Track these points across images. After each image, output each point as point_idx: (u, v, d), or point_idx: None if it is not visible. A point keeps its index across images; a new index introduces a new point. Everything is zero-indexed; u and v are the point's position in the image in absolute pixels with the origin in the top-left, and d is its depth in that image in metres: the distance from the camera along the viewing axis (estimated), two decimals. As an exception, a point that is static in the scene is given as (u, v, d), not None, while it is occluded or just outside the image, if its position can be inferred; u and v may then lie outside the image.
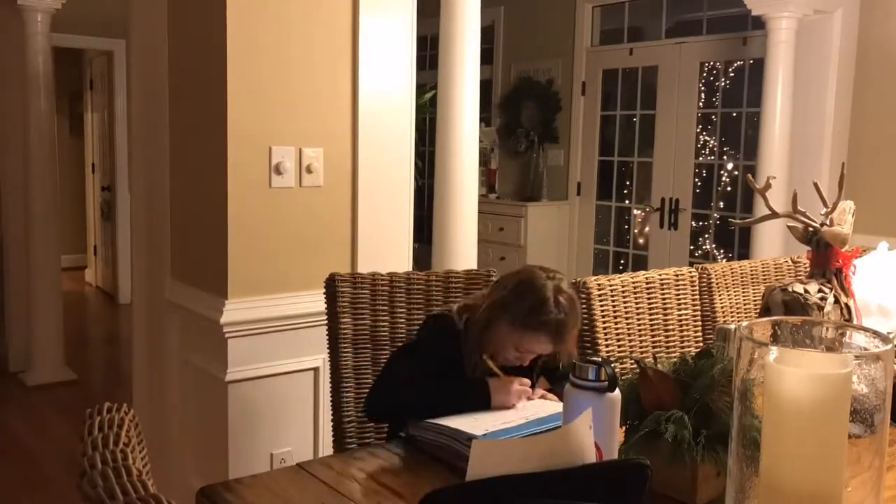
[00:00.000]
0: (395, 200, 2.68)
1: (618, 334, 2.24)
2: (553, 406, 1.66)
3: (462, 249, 3.00)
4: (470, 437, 1.47)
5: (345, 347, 2.03)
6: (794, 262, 2.83)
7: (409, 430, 1.60)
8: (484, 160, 6.23)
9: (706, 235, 5.61)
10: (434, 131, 3.10)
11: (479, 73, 3.02)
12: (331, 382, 2.04)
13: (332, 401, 2.02)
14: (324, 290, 2.09)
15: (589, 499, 1.04)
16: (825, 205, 1.98)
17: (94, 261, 7.80)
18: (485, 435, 1.49)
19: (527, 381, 1.73)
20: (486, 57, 6.41)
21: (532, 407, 1.66)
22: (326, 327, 2.06)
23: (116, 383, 4.85)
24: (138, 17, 2.85)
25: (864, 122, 4.21)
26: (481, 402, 1.66)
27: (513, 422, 1.57)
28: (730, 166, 5.44)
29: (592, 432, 1.12)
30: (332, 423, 2.02)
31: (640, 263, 5.88)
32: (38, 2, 4.61)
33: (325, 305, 2.05)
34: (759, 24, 4.34)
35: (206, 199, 2.46)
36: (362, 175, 2.58)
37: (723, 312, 2.51)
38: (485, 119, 6.41)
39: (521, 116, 6.53)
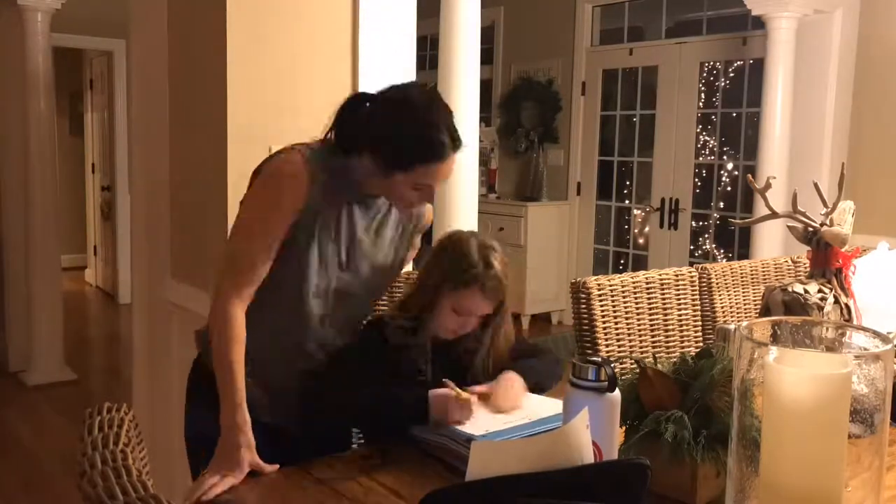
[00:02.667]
0: (395, 200, 2.67)
1: (618, 334, 2.24)
2: (554, 406, 1.66)
3: (462, 249, 3.00)
4: (469, 438, 1.47)
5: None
6: (793, 262, 2.83)
7: (409, 430, 1.60)
8: (484, 160, 6.24)
9: (706, 235, 5.61)
10: (434, 131, 3.09)
11: (478, 73, 3.02)
12: None
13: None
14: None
15: (589, 499, 1.04)
16: (825, 205, 1.98)
17: (94, 261, 7.80)
18: (484, 435, 1.49)
19: (471, 397, 1.61)
20: (486, 57, 6.41)
21: (533, 407, 1.66)
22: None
23: (116, 383, 4.85)
24: (138, 17, 2.85)
25: (864, 122, 4.21)
26: (419, 416, 1.58)
27: (514, 422, 1.57)
28: (730, 166, 5.44)
29: (590, 432, 1.12)
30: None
31: (640, 263, 5.88)
32: (39, 2, 4.61)
33: None
34: (759, 23, 4.34)
35: (207, 199, 2.46)
36: (362, 175, 2.58)
37: (723, 312, 2.51)
38: (485, 119, 6.41)
39: (521, 116, 6.53)
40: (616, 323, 2.24)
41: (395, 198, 1.71)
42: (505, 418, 1.59)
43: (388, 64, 2.62)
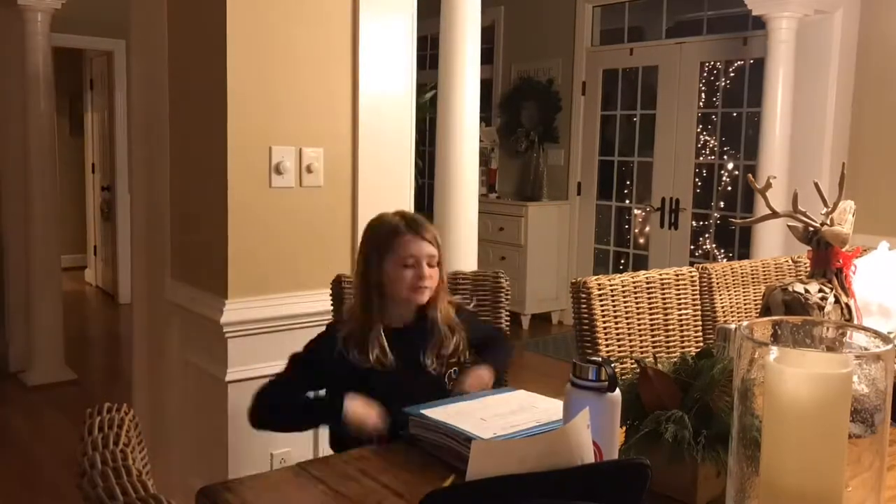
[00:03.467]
0: (396, 200, 2.67)
1: (618, 334, 2.23)
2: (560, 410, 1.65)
3: (462, 249, 3.00)
4: (468, 438, 1.47)
5: None
6: (794, 261, 2.83)
7: (409, 429, 1.60)
8: (484, 160, 6.23)
9: (706, 235, 5.61)
10: (434, 131, 3.10)
11: (479, 72, 3.02)
12: None
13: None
14: (329, 292, 2.08)
15: (589, 499, 1.04)
16: (825, 204, 1.97)
17: (94, 261, 7.80)
18: (490, 439, 1.48)
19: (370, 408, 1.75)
20: (487, 57, 6.41)
21: (541, 410, 1.65)
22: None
23: (116, 383, 4.85)
24: (138, 17, 2.85)
25: (865, 122, 4.21)
26: (334, 419, 1.73)
27: (521, 425, 1.56)
28: (730, 166, 5.44)
29: (590, 431, 1.12)
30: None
31: (641, 263, 5.88)
32: (38, 2, 4.61)
33: (331, 306, 2.04)
34: (760, 23, 4.34)
35: (207, 199, 2.46)
36: (363, 175, 2.58)
37: (723, 312, 2.50)
38: (485, 119, 6.41)
39: (522, 116, 6.53)
40: (616, 323, 2.24)
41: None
42: (513, 421, 1.58)
43: (388, 64, 2.62)
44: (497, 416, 1.62)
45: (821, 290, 1.92)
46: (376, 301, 1.84)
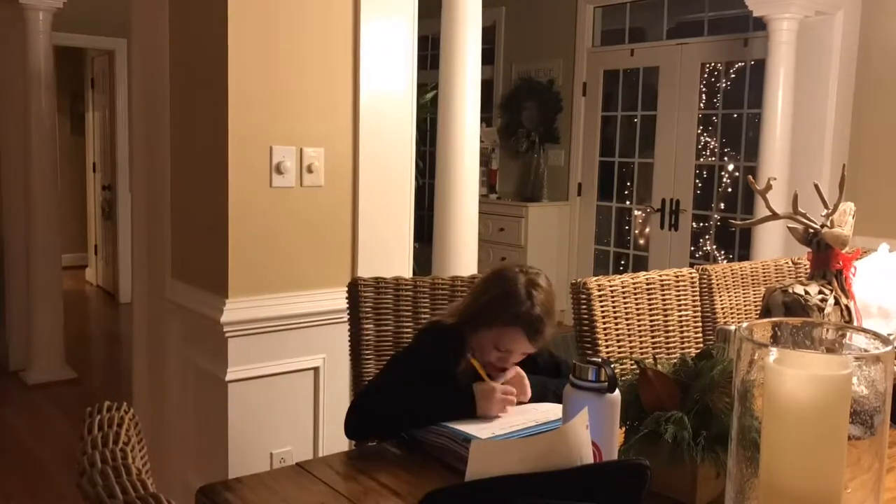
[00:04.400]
0: (396, 200, 2.68)
1: (618, 335, 2.23)
2: (559, 411, 1.65)
3: (463, 250, 3.00)
4: (466, 439, 1.47)
5: (367, 353, 2.00)
6: (794, 263, 2.83)
7: (410, 430, 1.60)
8: (485, 160, 6.23)
9: (707, 236, 5.61)
10: (435, 131, 3.10)
11: (479, 73, 3.02)
12: (352, 388, 2.05)
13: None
14: (329, 292, 2.07)
15: (589, 499, 1.04)
16: (826, 206, 1.98)
17: (94, 260, 7.80)
18: (489, 439, 1.48)
19: (511, 388, 1.67)
20: (487, 57, 6.42)
21: (539, 412, 1.65)
22: (348, 332, 2.04)
23: (116, 382, 4.85)
24: (140, 16, 2.85)
25: (865, 124, 4.21)
26: (465, 411, 1.62)
27: (519, 425, 1.57)
28: (730, 167, 5.44)
29: (590, 432, 1.12)
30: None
31: (641, 264, 5.88)
32: (40, 1, 4.61)
33: (348, 310, 2.03)
34: (761, 25, 4.34)
35: (207, 199, 2.46)
36: (363, 175, 2.58)
37: (723, 313, 2.50)
38: (486, 119, 6.41)
39: (522, 117, 6.53)
40: (616, 324, 2.24)
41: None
42: (511, 422, 1.59)
43: (389, 64, 2.62)
44: (492, 418, 1.62)
45: (821, 292, 1.92)
46: (464, 337, 1.75)
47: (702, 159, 5.55)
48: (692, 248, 5.62)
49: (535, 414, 1.63)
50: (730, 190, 5.44)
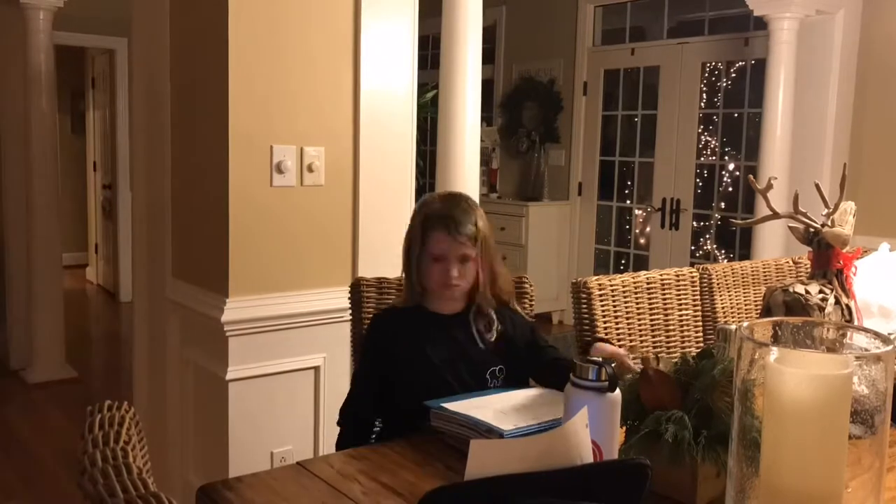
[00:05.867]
0: (397, 200, 2.67)
1: (618, 334, 2.24)
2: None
3: (463, 249, 3.00)
4: (489, 429, 1.48)
5: None
6: (794, 262, 2.83)
7: (431, 421, 1.61)
8: (485, 160, 6.23)
9: (707, 236, 5.61)
10: (435, 131, 3.10)
11: (480, 72, 3.02)
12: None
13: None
14: (329, 291, 2.07)
15: (589, 499, 1.04)
16: (826, 205, 1.98)
17: (95, 259, 7.81)
18: (512, 431, 1.48)
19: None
20: (488, 57, 6.41)
21: (559, 404, 1.64)
22: (350, 332, 2.05)
23: (117, 381, 4.86)
24: (141, 15, 2.85)
25: (866, 123, 4.21)
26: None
27: (542, 417, 1.56)
28: (731, 167, 5.43)
29: (590, 431, 1.12)
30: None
31: (641, 263, 5.88)
32: (41, 0, 4.61)
33: (350, 310, 2.04)
34: (761, 24, 4.34)
35: (208, 198, 2.46)
36: (363, 174, 2.58)
37: (724, 313, 2.50)
38: (486, 119, 6.41)
39: (523, 116, 6.53)
40: (617, 323, 2.24)
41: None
42: (534, 413, 1.58)
43: (389, 64, 2.62)
44: (516, 409, 1.62)
45: (821, 291, 1.92)
46: (418, 290, 1.82)
47: (702, 159, 5.55)
48: (693, 248, 5.62)
49: (554, 407, 1.61)
50: (730, 189, 5.44)
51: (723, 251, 5.53)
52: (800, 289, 1.91)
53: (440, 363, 1.78)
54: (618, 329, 2.24)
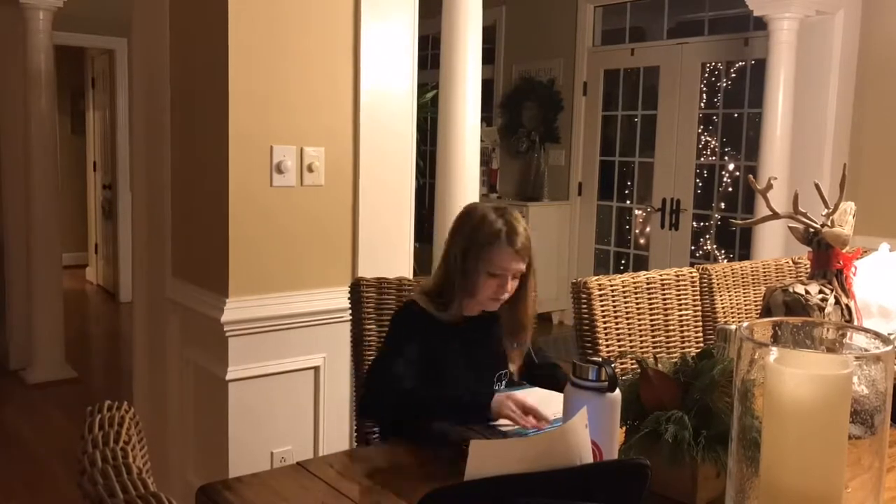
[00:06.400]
0: (397, 200, 2.68)
1: (618, 334, 2.24)
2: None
3: (463, 249, 3.00)
4: (490, 430, 1.49)
5: (368, 354, 2.01)
6: (794, 262, 2.83)
7: (434, 424, 1.62)
8: (485, 160, 6.23)
9: (707, 236, 5.61)
10: (435, 131, 3.10)
11: (480, 72, 3.02)
12: (352, 388, 2.06)
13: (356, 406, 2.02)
14: (330, 291, 2.07)
15: (589, 499, 1.04)
16: (826, 206, 1.98)
17: (94, 259, 7.80)
18: (511, 430, 1.50)
19: (528, 405, 1.64)
20: (488, 57, 6.41)
21: (559, 404, 1.65)
22: (350, 332, 2.05)
23: (117, 381, 4.85)
24: (140, 15, 2.85)
25: (866, 123, 4.21)
26: (479, 415, 1.64)
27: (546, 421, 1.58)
28: (731, 167, 5.43)
29: (590, 432, 1.12)
30: (354, 427, 2.00)
31: (641, 263, 5.88)
32: (40, 0, 4.61)
33: (350, 310, 2.04)
34: (761, 24, 4.34)
35: (208, 198, 2.46)
36: (363, 174, 2.58)
37: (723, 313, 2.50)
38: (486, 119, 6.41)
39: (523, 116, 6.53)
40: (617, 323, 2.24)
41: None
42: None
43: (389, 64, 2.62)
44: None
45: (821, 292, 1.92)
46: (454, 291, 1.81)
47: (702, 159, 5.55)
48: (692, 248, 5.62)
49: (554, 408, 1.62)
50: (730, 189, 5.44)
51: (723, 251, 5.53)
52: (800, 289, 1.91)
53: (455, 366, 1.80)
54: (618, 329, 2.24)
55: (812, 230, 1.97)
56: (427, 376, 1.77)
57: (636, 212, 6.05)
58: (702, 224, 5.61)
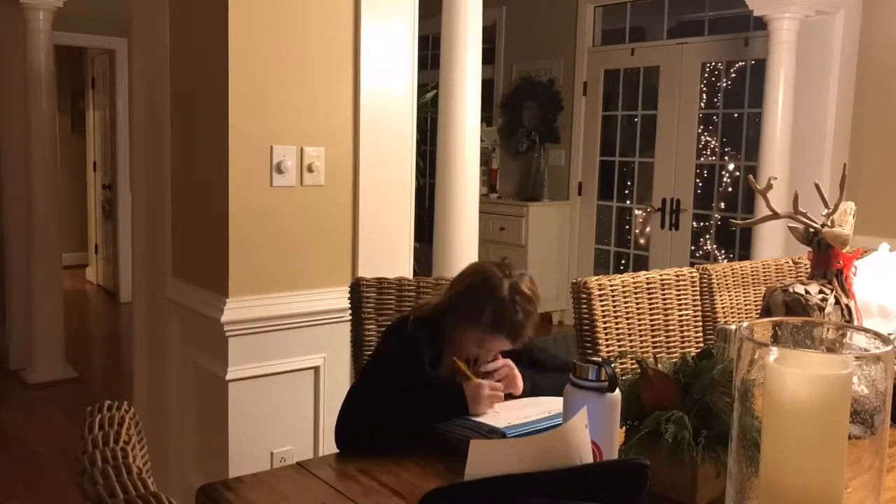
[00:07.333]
0: (397, 200, 2.68)
1: (618, 334, 2.23)
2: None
3: (463, 249, 3.00)
4: (491, 430, 1.49)
5: (369, 354, 1.99)
6: (794, 262, 2.83)
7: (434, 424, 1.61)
8: (485, 160, 6.23)
9: (707, 236, 5.61)
10: (435, 131, 3.09)
11: (480, 72, 3.02)
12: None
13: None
14: (330, 291, 2.07)
15: (589, 499, 1.04)
16: (826, 206, 1.98)
17: (95, 259, 7.80)
18: (506, 428, 1.50)
19: (498, 384, 1.67)
20: (488, 57, 6.41)
21: (553, 402, 1.65)
22: (350, 332, 2.05)
23: (117, 381, 4.86)
24: (140, 15, 2.85)
25: (866, 123, 4.21)
26: (457, 411, 1.61)
27: (534, 416, 1.57)
28: (731, 167, 5.43)
29: (590, 431, 1.12)
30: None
31: (641, 264, 5.88)
32: (41, 0, 4.61)
33: (350, 310, 2.04)
34: (761, 24, 4.34)
35: (208, 198, 2.46)
36: (363, 174, 2.58)
37: (723, 313, 2.50)
38: (486, 119, 6.41)
39: (523, 116, 6.53)
40: (617, 323, 2.24)
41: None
42: (526, 412, 1.60)
43: (390, 63, 2.62)
44: (508, 409, 1.64)
45: (821, 292, 1.92)
46: (443, 333, 1.76)
47: (702, 159, 5.55)
48: (692, 248, 5.62)
49: (548, 405, 1.63)
50: (730, 189, 5.44)
51: (723, 251, 5.53)
52: (800, 289, 1.91)
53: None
54: (618, 329, 2.24)
55: (812, 230, 1.97)
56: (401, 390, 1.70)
57: (636, 212, 6.05)
58: (702, 224, 5.61)
